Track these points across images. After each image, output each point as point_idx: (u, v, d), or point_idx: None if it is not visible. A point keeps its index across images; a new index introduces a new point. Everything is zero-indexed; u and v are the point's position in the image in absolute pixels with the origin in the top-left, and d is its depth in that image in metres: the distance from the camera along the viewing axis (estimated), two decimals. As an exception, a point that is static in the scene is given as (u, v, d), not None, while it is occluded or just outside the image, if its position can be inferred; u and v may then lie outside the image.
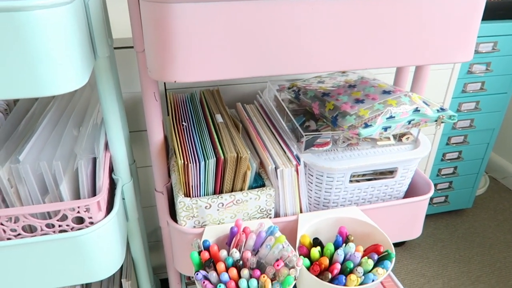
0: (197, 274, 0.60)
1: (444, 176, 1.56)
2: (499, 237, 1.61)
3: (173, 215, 0.77)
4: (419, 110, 0.74)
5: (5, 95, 0.50)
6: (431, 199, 1.61)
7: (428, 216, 1.64)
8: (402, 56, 0.64)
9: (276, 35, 0.56)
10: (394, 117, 0.72)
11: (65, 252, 0.65)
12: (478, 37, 0.75)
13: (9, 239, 0.64)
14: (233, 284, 0.59)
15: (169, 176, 0.82)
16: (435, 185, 1.56)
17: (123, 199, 0.79)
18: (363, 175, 0.81)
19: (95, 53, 0.63)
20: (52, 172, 0.63)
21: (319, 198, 0.80)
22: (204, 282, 0.59)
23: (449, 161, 1.52)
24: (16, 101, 0.85)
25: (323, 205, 0.80)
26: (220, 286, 0.59)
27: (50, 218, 0.65)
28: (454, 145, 1.49)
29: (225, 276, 0.60)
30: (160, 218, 0.86)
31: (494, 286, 1.39)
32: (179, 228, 0.71)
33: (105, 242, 0.68)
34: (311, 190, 0.79)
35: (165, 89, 1.01)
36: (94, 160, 0.73)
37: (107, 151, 0.75)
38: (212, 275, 0.60)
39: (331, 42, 0.59)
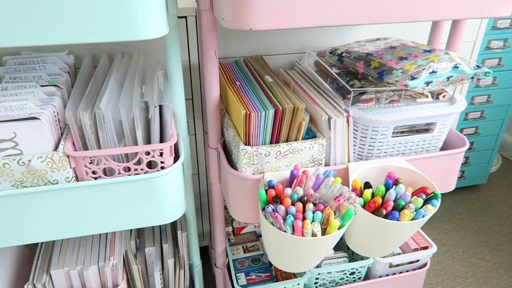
0: (267, 207, 0.66)
1: (462, 151, 1.62)
2: (514, 210, 1.68)
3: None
4: (457, 67, 0.80)
5: (107, 38, 0.56)
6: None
7: (445, 191, 1.70)
8: (441, 9, 0.69)
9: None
10: (436, 72, 0.78)
11: (141, 193, 0.70)
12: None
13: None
14: (300, 215, 0.65)
15: (222, 135, 0.88)
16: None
17: (180, 154, 0.84)
18: (402, 132, 0.87)
19: (167, 10, 0.69)
20: (130, 118, 0.69)
21: (363, 152, 0.85)
22: (274, 214, 0.65)
23: (466, 136, 1.58)
24: (77, 67, 0.91)
25: (366, 159, 0.86)
26: (289, 217, 0.64)
27: (125, 163, 0.71)
28: (472, 120, 1.56)
29: (292, 209, 0.65)
30: (211, 175, 0.92)
31: (513, 253, 1.46)
32: (240, 175, 0.77)
33: (174, 187, 0.74)
34: (355, 145, 0.85)
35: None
36: (159, 115, 0.79)
37: (169, 107, 0.81)
38: (281, 208, 0.66)
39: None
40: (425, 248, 1.05)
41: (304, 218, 0.66)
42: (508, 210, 1.67)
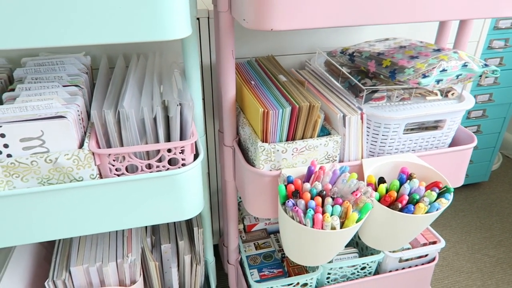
0: (288, 202, 0.68)
1: (464, 149, 1.65)
2: (516, 207, 1.71)
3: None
4: (466, 65, 0.83)
5: (137, 38, 0.58)
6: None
7: (448, 189, 1.73)
8: (452, 9, 0.71)
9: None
10: (446, 70, 0.81)
11: (163, 190, 0.72)
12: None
13: (113, 178, 0.71)
14: (320, 209, 0.67)
15: (236, 133, 0.90)
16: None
17: (197, 152, 0.86)
18: (411, 129, 0.90)
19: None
20: (152, 117, 0.71)
21: (374, 148, 0.88)
22: (295, 208, 0.67)
23: (469, 134, 1.61)
24: (93, 67, 0.93)
25: (377, 155, 0.89)
26: (310, 210, 0.67)
27: (145, 160, 0.73)
28: (474, 119, 1.59)
29: (312, 203, 0.68)
30: (226, 172, 0.94)
31: (516, 248, 1.49)
32: (258, 172, 0.79)
33: (194, 183, 0.76)
34: (367, 142, 0.87)
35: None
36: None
37: (186, 106, 0.83)
38: (301, 202, 0.68)
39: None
40: (434, 243, 1.08)
41: (323, 212, 0.68)
42: (510, 207, 1.70)
